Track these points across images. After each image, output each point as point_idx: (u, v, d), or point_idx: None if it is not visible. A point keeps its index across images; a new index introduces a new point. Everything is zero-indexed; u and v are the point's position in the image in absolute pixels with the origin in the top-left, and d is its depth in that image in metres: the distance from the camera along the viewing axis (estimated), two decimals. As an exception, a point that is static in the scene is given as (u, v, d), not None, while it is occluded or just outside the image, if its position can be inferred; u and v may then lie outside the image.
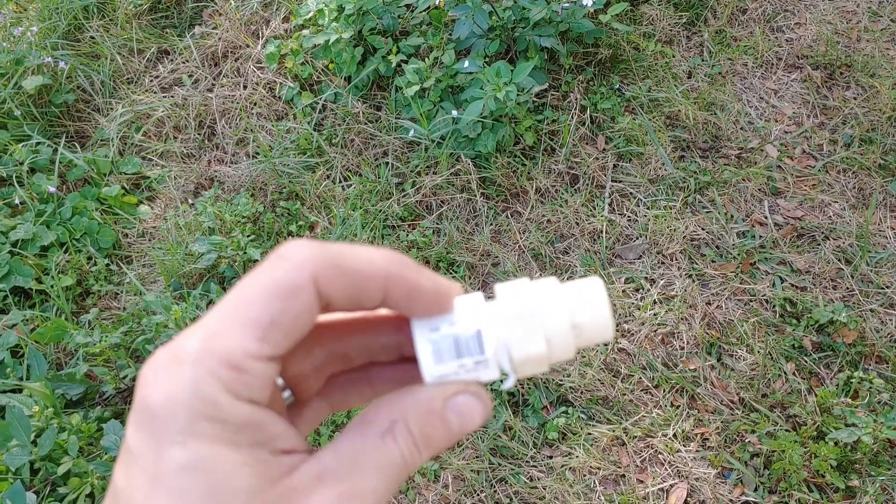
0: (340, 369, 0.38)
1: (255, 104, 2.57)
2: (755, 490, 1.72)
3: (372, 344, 0.37)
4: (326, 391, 0.38)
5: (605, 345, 1.96)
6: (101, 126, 2.59)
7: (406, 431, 0.32)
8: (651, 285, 2.07)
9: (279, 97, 2.58)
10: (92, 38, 2.79)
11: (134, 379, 1.89)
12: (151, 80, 2.72)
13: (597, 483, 1.76)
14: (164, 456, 0.27)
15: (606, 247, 2.15)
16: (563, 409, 1.87)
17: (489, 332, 0.34)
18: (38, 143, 2.45)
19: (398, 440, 0.31)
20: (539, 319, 0.34)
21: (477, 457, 1.81)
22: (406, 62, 2.40)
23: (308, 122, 2.47)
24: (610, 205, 2.24)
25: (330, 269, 0.30)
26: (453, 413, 0.33)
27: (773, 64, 2.57)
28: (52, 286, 2.11)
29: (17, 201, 2.28)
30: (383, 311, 0.37)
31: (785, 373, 1.88)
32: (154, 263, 2.22)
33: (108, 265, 2.23)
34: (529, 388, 1.90)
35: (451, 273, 2.11)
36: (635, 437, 1.82)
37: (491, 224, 2.22)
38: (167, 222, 2.30)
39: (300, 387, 0.36)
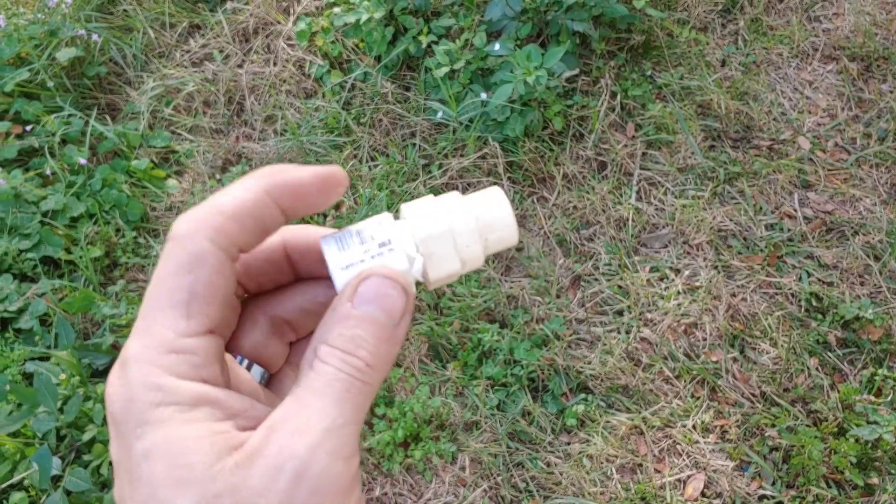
0: (296, 336, 0.38)
1: (284, 81, 2.58)
2: (773, 484, 1.72)
3: (309, 304, 0.38)
4: (294, 357, 0.39)
5: (627, 332, 1.95)
6: (132, 99, 2.61)
7: (328, 348, 0.31)
8: (676, 275, 2.06)
9: (308, 75, 2.58)
10: (125, 11, 2.81)
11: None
12: (182, 55, 2.73)
13: (614, 471, 1.76)
14: (130, 453, 0.28)
15: (632, 235, 2.14)
16: (583, 396, 1.87)
17: (389, 219, 0.34)
18: (69, 115, 2.47)
19: (325, 359, 0.31)
20: (440, 209, 0.35)
21: (495, 440, 1.81)
22: (437, 43, 2.39)
23: (337, 101, 2.47)
24: (637, 193, 2.23)
25: (217, 220, 0.30)
26: (364, 304, 0.32)
27: (808, 54, 2.53)
28: (80, 257, 2.14)
29: (48, 172, 2.31)
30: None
31: (808, 368, 1.87)
32: (181, 237, 2.24)
33: (135, 238, 2.26)
34: (550, 375, 1.90)
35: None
36: (654, 426, 1.82)
37: (517, 208, 2.21)
38: (195, 197, 2.32)
39: (263, 358, 0.37)
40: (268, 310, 0.37)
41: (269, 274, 0.37)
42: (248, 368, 0.36)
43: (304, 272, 0.38)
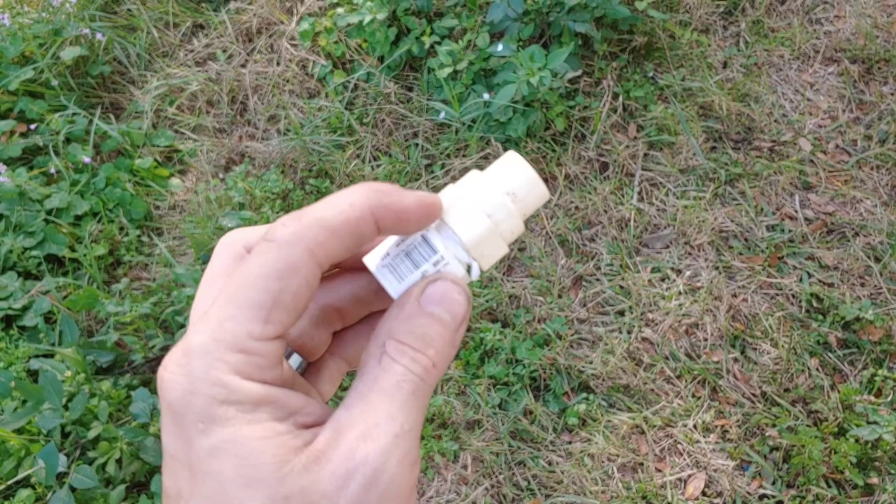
0: (342, 325, 0.39)
1: (287, 81, 2.59)
2: (773, 483, 1.73)
3: (360, 291, 0.38)
4: (336, 348, 0.39)
5: (628, 332, 1.96)
6: (136, 98, 2.62)
7: (397, 344, 0.31)
8: (677, 276, 2.07)
9: (311, 75, 2.60)
10: (129, 10, 2.82)
11: (163, 349, 1.93)
12: (186, 54, 2.74)
13: (615, 470, 1.77)
14: (193, 447, 0.28)
15: (634, 235, 2.15)
16: (584, 395, 1.88)
17: (433, 232, 0.34)
18: (74, 114, 2.48)
19: (395, 356, 0.31)
20: (473, 200, 0.35)
21: (497, 439, 1.82)
22: (439, 43, 2.40)
23: (339, 101, 2.48)
24: (639, 193, 2.24)
25: (320, 234, 0.31)
26: (432, 305, 0.32)
27: (810, 56, 2.54)
28: (84, 255, 2.15)
29: (52, 170, 2.32)
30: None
31: (808, 368, 1.88)
32: (184, 236, 2.25)
33: (139, 236, 2.27)
34: (551, 374, 1.91)
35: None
36: (655, 426, 1.83)
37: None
38: (198, 196, 2.33)
39: (307, 347, 0.37)
40: (318, 297, 0.37)
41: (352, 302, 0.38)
42: (287, 356, 0.36)
43: (349, 263, 0.38)
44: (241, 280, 0.30)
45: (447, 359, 0.32)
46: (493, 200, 0.35)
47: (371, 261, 0.35)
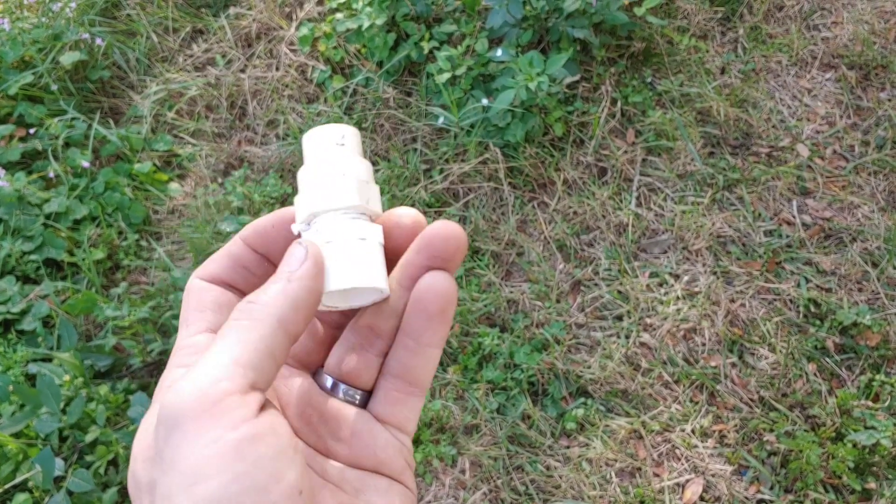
0: (387, 346, 0.39)
1: (286, 86, 2.59)
2: (771, 488, 1.73)
3: (388, 306, 0.40)
4: (388, 369, 0.40)
5: (627, 337, 1.97)
6: (135, 103, 2.62)
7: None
8: (675, 281, 2.07)
9: (310, 80, 2.60)
10: (128, 15, 2.82)
11: (161, 353, 1.93)
12: (185, 59, 2.75)
13: (613, 475, 1.77)
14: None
15: (632, 240, 2.15)
16: (582, 400, 1.88)
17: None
18: (73, 118, 2.48)
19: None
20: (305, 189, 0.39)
21: (495, 444, 1.82)
22: (438, 49, 2.41)
23: (338, 106, 2.49)
24: (637, 199, 2.24)
25: (204, 264, 0.40)
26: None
27: (807, 62, 2.54)
28: (83, 259, 2.15)
29: (51, 174, 2.32)
30: None
31: (806, 373, 1.88)
32: (183, 240, 2.26)
33: (137, 240, 2.27)
34: (549, 379, 1.91)
35: (474, 261, 2.13)
36: (653, 430, 1.83)
37: (517, 213, 2.23)
38: (197, 200, 2.33)
39: (353, 375, 0.39)
40: (350, 318, 0.40)
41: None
42: (333, 389, 0.39)
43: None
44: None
45: (275, 295, 0.34)
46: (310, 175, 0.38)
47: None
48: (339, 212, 0.36)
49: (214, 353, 0.31)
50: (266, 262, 0.39)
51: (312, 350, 0.40)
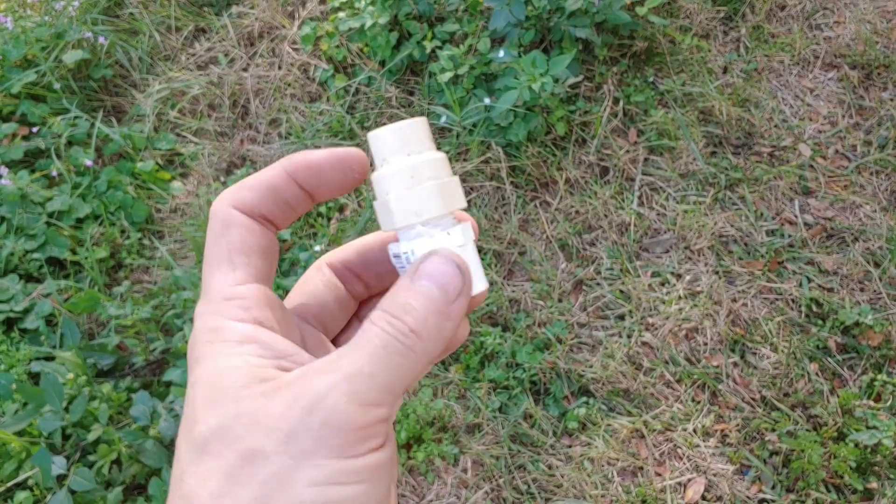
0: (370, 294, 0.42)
1: (288, 85, 2.60)
2: (773, 488, 1.73)
3: (373, 269, 0.41)
4: (363, 312, 0.42)
5: (628, 336, 1.97)
6: (138, 102, 2.62)
7: (379, 312, 0.33)
8: (677, 280, 2.07)
9: (313, 79, 2.60)
10: (131, 14, 2.83)
11: (163, 352, 1.93)
12: (188, 58, 2.75)
13: (615, 474, 1.77)
14: (189, 381, 0.33)
15: (634, 240, 2.15)
16: (584, 399, 1.88)
17: (393, 244, 0.37)
18: (76, 117, 2.49)
19: (374, 321, 0.32)
20: (386, 193, 0.36)
21: (497, 443, 1.83)
22: (441, 48, 2.41)
23: (341, 105, 2.49)
24: (639, 198, 2.24)
25: (239, 192, 0.36)
26: (422, 279, 0.34)
27: (809, 62, 2.54)
28: (86, 258, 2.15)
29: (54, 173, 2.33)
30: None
31: (808, 373, 1.88)
32: (185, 239, 2.26)
33: (140, 239, 2.27)
34: (551, 378, 1.91)
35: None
36: (655, 430, 1.83)
37: (519, 213, 2.23)
38: (199, 199, 2.33)
39: (325, 322, 0.41)
40: (370, 309, 0.40)
41: (386, 264, 0.40)
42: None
43: (314, 195, 0.40)
44: (205, 255, 0.36)
45: (434, 328, 0.33)
46: (392, 178, 0.36)
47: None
48: (431, 224, 0.35)
49: (380, 374, 0.31)
50: (309, 199, 0.37)
51: (338, 317, 0.41)
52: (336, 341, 0.41)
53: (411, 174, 0.35)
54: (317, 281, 0.40)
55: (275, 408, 0.30)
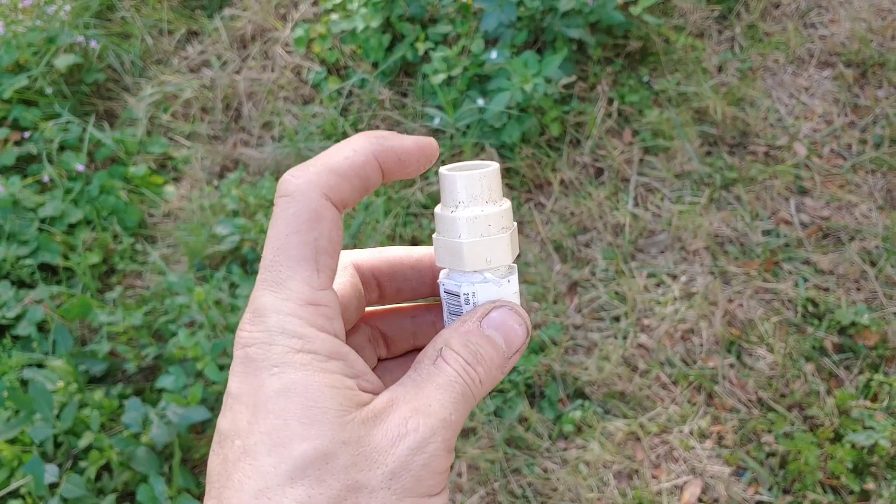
0: (387, 354, 0.42)
1: (281, 87, 2.59)
2: (769, 489, 1.72)
3: (405, 324, 0.42)
4: (378, 373, 0.42)
5: (624, 338, 1.96)
6: (130, 106, 2.61)
7: (452, 353, 0.35)
8: (673, 281, 2.06)
9: (306, 81, 2.59)
10: (123, 17, 2.81)
11: (156, 358, 1.92)
12: (180, 61, 2.74)
13: (611, 477, 1.76)
14: (262, 388, 0.31)
15: (629, 241, 2.14)
16: (580, 402, 1.87)
17: (448, 280, 0.38)
18: (67, 122, 2.48)
19: (448, 361, 0.34)
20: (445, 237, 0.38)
21: (492, 446, 1.82)
22: (434, 50, 2.40)
23: (334, 107, 2.48)
24: (634, 199, 2.23)
25: (331, 178, 0.33)
26: (491, 328, 0.36)
27: (804, 61, 2.54)
28: (78, 263, 2.14)
29: (46, 178, 2.31)
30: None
31: (804, 373, 1.87)
32: (178, 244, 2.25)
33: (133, 244, 2.26)
34: (547, 381, 1.90)
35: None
36: (651, 432, 1.82)
37: (513, 215, 2.21)
38: (192, 203, 2.32)
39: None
40: (375, 321, 0.41)
41: (411, 281, 0.41)
42: None
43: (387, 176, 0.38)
44: (280, 239, 0.32)
45: (494, 381, 0.35)
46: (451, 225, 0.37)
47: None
48: (493, 270, 0.37)
49: (458, 423, 0.33)
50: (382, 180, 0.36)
51: (352, 319, 0.40)
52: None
53: (488, 223, 0.36)
54: (344, 280, 0.39)
55: (379, 441, 0.31)
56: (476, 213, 0.36)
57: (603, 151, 2.31)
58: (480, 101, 2.23)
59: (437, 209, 0.37)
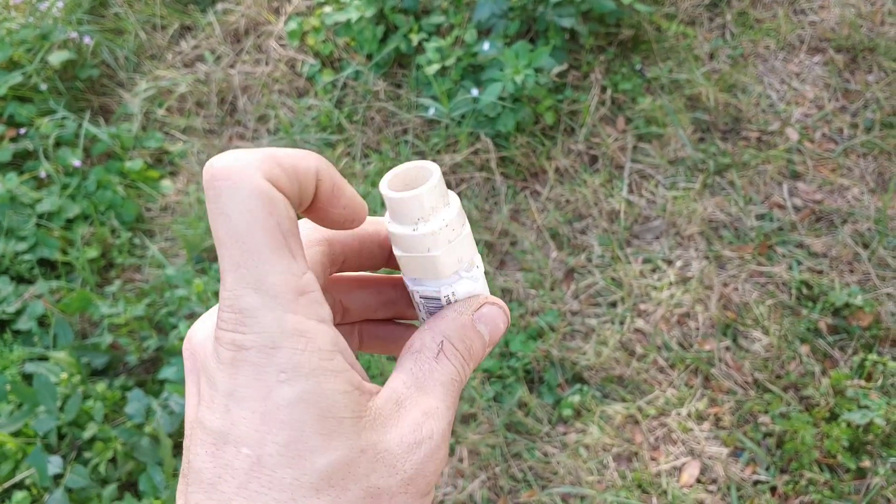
0: (340, 321, 0.42)
1: (276, 81, 2.59)
2: (767, 469, 1.74)
3: (370, 300, 0.42)
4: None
5: (621, 323, 1.98)
6: (125, 101, 2.62)
7: (453, 349, 0.36)
8: (668, 266, 2.08)
9: (300, 74, 2.60)
10: (116, 13, 2.82)
11: (157, 349, 1.93)
12: (174, 56, 2.75)
13: (610, 460, 1.78)
14: (271, 395, 0.29)
15: (625, 227, 2.16)
16: (578, 386, 1.89)
17: (421, 286, 0.38)
18: (63, 118, 2.48)
19: (450, 358, 0.36)
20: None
21: (492, 432, 1.83)
22: (427, 40, 2.41)
23: (329, 100, 2.49)
24: (629, 185, 2.25)
25: (272, 165, 0.29)
26: (481, 323, 0.37)
27: (795, 47, 2.55)
28: (77, 258, 2.15)
29: (42, 174, 2.32)
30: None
31: (799, 354, 1.89)
32: (176, 237, 2.26)
33: (131, 238, 2.27)
34: (545, 366, 1.92)
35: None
36: (649, 415, 1.84)
37: (510, 203, 2.23)
38: (189, 196, 2.33)
39: None
40: (337, 290, 0.41)
41: (376, 257, 0.40)
42: None
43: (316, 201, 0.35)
44: (238, 232, 0.29)
45: (477, 366, 0.38)
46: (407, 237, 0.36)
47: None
48: (464, 266, 0.38)
49: (447, 415, 0.34)
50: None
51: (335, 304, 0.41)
52: None
53: (451, 228, 0.36)
54: (315, 254, 0.37)
55: (395, 447, 0.32)
56: (439, 225, 0.35)
57: (597, 139, 2.33)
58: (475, 91, 2.24)
59: (394, 228, 0.36)
